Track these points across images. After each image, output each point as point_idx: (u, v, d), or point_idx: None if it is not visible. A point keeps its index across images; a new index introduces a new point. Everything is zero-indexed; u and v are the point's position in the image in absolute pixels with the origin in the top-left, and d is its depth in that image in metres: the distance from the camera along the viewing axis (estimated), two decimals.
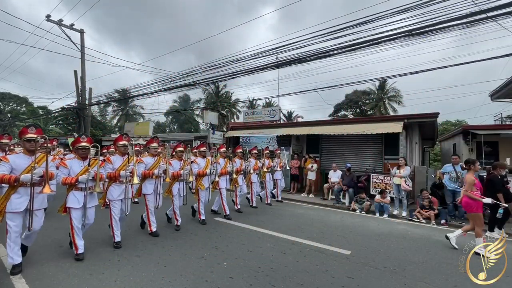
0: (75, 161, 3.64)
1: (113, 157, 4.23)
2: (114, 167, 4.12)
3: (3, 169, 3.05)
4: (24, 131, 3.35)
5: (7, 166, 3.08)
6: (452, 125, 25.17)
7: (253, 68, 9.74)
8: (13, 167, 3.11)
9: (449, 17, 6.04)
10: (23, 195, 3.13)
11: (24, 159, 3.22)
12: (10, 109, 35.28)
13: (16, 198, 3.11)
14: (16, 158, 3.23)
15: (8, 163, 3.08)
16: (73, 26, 13.56)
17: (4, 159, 3.12)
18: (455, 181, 6.42)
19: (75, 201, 3.52)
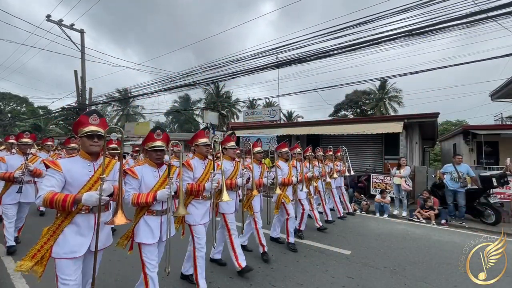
0: (147, 167, 2.38)
1: (193, 160, 2.97)
2: (195, 176, 2.88)
3: (52, 183, 1.82)
4: (85, 119, 2.19)
5: (58, 179, 1.84)
6: (452, 125, 25.16)
7: (253, 68, 9.74)
8: (67, 179, 1.87)
9: (449, 17, 6.04)
10: (83, 227, 1.90)
11: (82, 165, 1.97)
12: (11, 109, 35.30)
13: (73, 233, 1.87)
14: (69, 162, 1.95)
15: (60, 173, 1.85)
16: (73, 26, 13.56)
17: (54, 166, 1.85)
18: (457, 181, 6.41)
19: (148, 233, 2.27)
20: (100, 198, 1.76)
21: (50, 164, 1.86)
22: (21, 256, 3.53)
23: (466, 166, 6.54)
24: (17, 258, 3.59)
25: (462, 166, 6.52)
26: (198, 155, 3.03)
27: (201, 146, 2.97)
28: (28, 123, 29.26)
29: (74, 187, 1.89)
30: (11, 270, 3.23)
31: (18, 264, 1.84)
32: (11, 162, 3.86)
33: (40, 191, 1.78)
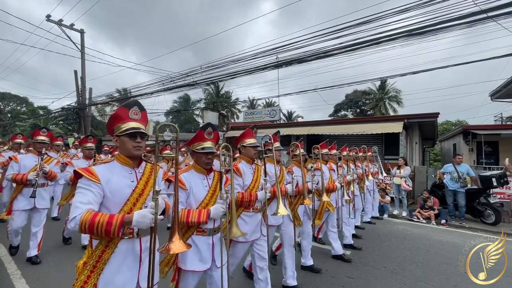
0: (194, 174, 1.98)
1: (241, 164, 2.52)
2: (244, 184, 2.47)
3: (89, 198, 1.40)
4: None
5: (97, 193, 1.42)
6: (452, 125, 25.16)
7: (253, 68, 9.74)
8: (106, 193, 1.46)
9: (449, 17, 6.04)
10: (128, 257, 1.48)
11: (122, 174, 1.54)
12: (10, 109, 35.29)
13: (118, 266, 1.45)
14: (107, 170, 1.53)
15: (98, 186, 1.43)
16: (73, 26, 13.56)
17: (90, 176, 1.43)
18: (457, 181, 6.41)
19: (196, 257, 1.87)
20: (156, 218, 1.33)
21: (84, 173, 1.39)
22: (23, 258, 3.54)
23: (466, 166, 6.54)
24: (19, 259, 3.59)
25: (462, 166, 6.52)
26: (244, 158, 2.58)
27: (248, 147, 2.52)
28: (28, 123, 29.26)
29: (113, 203, 1.44)
30: (11, 270, 3.23)
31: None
32: (24, 162, 3.41)
33: (74, 210, 1.31)
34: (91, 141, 4.06)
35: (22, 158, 3.45)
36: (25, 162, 3.40)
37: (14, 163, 3.37)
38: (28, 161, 3.42)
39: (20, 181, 3.29)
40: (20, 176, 3.28)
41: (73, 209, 1.33)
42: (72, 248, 3.95)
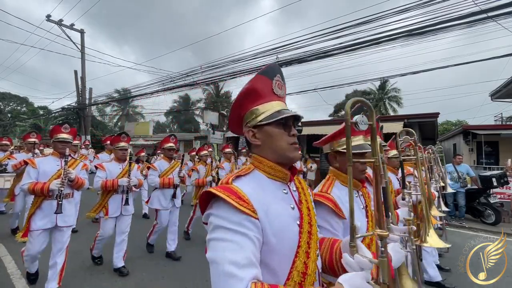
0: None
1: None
2: None
3: None
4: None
5: None
6: (453, 125, 25.15)
7: (253, 68, 9.74)
8: None
9: (449, 17, 6.04)
10: None
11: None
12: (11, 109, 35.30)
13: None
14: None
15: None
16: (73, 26, 13.57)
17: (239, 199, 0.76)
18: (457, 181, 6.41)
19: None
20: None
21: (230, 198, 0.74)
22: None
23: (466, 166, 6.54)
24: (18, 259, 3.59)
25: (462, 166, 6.52)
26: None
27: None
28: (28, 123, 29.27)
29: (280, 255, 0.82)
30: (11, 270, 3.23)
31: None
32: (44, 167, 2.70)
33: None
34: (125, 139, 3.41)
35: (41, 162, 2.73)
36: (45, 167, 2.70)
37: (31, 168, 2.65)
38: (48, 165, 2.73)
39: (41, 192, 2.56)
40: (40, 186, 2.56)
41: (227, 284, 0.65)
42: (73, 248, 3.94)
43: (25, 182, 2.58)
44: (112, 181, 3.18)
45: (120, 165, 3.38)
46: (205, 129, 20.74)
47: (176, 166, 3.90)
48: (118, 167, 3.36)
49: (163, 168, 3.81)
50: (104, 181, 3.17)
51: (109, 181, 3.18)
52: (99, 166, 3.28)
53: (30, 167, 2.66)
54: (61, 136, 2.80)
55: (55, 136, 2.79)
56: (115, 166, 3.35)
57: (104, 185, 3.16)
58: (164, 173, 3.77)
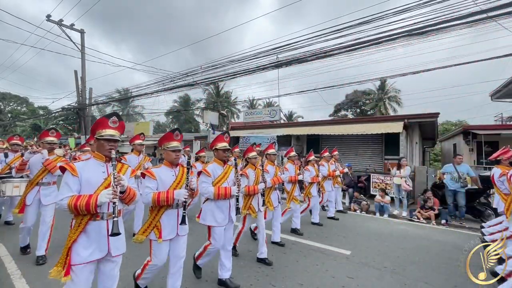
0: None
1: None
2: None
3: None
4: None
5: None
6: (453, 125, 25.16)
7: (253, 68, 9.74)
8: None
9: (449, 17, 6.04)
10: None
11: None
12: (10, 109, 35.31)
13: None
14: None
15: None
16: (73, 26, 13.57)
17: None
18: (457, 181, 6.41)
19: None
20: None
21: None
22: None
23: (466, 166, 6.54)
24: (18, 259, 3.59)
25: (462, 166, 6.52)
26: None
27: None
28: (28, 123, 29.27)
29: None
30: (11, 270, 3.23)
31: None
32: (87, 174, 1.96)
33: None
34: (178, 138, 2.83)
35: (83, 168, 1.97)
36: (88, 174, 1.96)
37: (71, 177, 1.90)
38: (92, 172, 1.99)
39: (86, 208, 1.83)
40: (86, 200, 1.84)
41: None
42: None
43: (63, 196, 1.85)
44: (166, 194, 2.44)
45: (172, 170, 2.62)
46: (205, 129, 20.71)
47: (230, 171, 3.13)
48: (171, 173, 2.59)
49: (217, 174, 3.02)
50: (156, 194, 2.43)
51: (162, 193, 2.43)
52: (147, 173, 2.53)
53: (68, 175, 1.90)
54: (107, 133, 2.04)
55: (100, 132, 2.05)
56: (167, 172, 2.58)
57: (157, 199, 2.41)
58: (217, 180, 3.00)
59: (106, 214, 1.98)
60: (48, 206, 3.65)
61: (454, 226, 6.13)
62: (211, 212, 2.99)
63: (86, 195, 1.87)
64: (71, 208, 1.82)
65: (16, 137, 5.23)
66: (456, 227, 6.08)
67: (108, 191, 1.87)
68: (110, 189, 1.88)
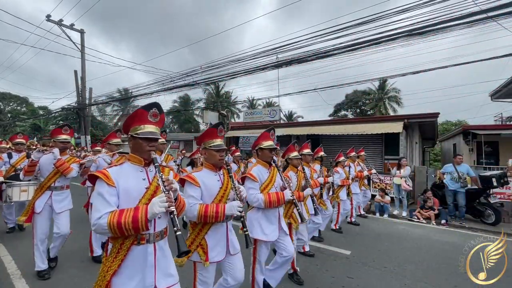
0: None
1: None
2: None
3: None
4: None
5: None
6: (453, 125, 25.15)
7: (253, 68, 9.74)
8: None
9: (450, 17, 6.04)
10: None
11: None
12: (10, 109, 35.31)
13: None
14: None
15: None
16: (73, 26, 13.57)
17: None
18: (457, 181, 6.41)
19: None
20: None
21: None
22: None
23: (466, 166, 6.54)
24: (18, 259, 3.59)
25: (462, 166, 6.52)
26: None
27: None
28: (28, 123, 29.26)
29: None
30: (11, 270, 3.23)
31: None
32: (125, 183, 1.52)
33: None
34: (222, 134, 2.32)
35: (119, 175, 1.53)
36: (126, 182, 1.53)
37: (106, 186, 1.46)
38: (131, 179, 1.56)
39: (134, 226, 1.40)
40: (133, 216, 1.41)
41: None
42: (72, 249, 3.95)
43: (101, 212, 1.39)
44: (216, 208, 1.95)
45: (217, 174, 2.14)
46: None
47: (276, 173, 2.70)
48: (215, 178, 2.11)
49: (263, 178, 2.57)
50: (203, 208, 1.93)
51: (211, 207, 1.95)
52: (188, 179, 2.00)
53: (103, 184, 1.46)
54: (147, 130, 1.61)
55: (136, 129, 1.60)
56: (211, 177, 2.10)
57: (204, 215, 1.92)
58: (264, 186, 2.55)
59: (153, 235, 1.53)
60: (62, 214, 3.17)
61: (454, 226, 6.13)
62: (258, 223, 2.53)
63: (131, 209, 1.44)
64: (113, 228, 1.36)
65: (20, 135, 4.79)
66: (456, 227, 6.08)
67: (160, 198, 1.43)
68: (163, 195, 1.44)
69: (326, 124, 12.08)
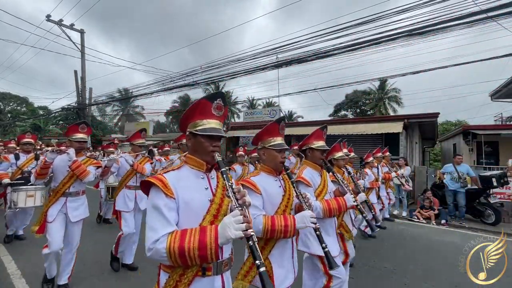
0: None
1: None
2: None
3: None
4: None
5: None
6: (452, 125, 25.14)
7: (253, 68, 9.74)
8: None
9: (449, 17, 6.04)
10: None
11: None
12: (10, 109, 35.30)
13: None
14: None
15: None
16: (73, 26, 13.56)
17: None
18: (457, 181, 6.41)
19: None
20: None
21: None
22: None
23: (466, 166, 6.55)
24: (18, 259, 3.59)
25: (462, 166, 6.52)
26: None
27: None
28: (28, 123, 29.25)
29: None
30: (11, 270, 3.23)
31: None
32: (185, 193, 1.18)
33: None
34: (283, 132, 2.05)
35: (177, 183, 1.19)
36: (187, 193, 1.20)
37: (164, 197, 1.13)
38: (192, 188, 1.23)
39: (202, 254, 1.07)
40: (198, 240, 1.07)
41: None
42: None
43: (158, 234, 1.08)
44: (284, 221, 1.56)
45: (277, 179, 1.79)
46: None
47: (327, 177, 2.38)
48: (276, 184, 1.76)
49: (317, 183, 2.22)
50: (269, 220, 1.56)
51: (278, 219, 1.56)
52: (248, 184, 1.66)
53: (160, 195, 1.14)
54: (211, 126, 1.27)
55: (196, 124, 1.28)
56: (271, 182, 1.75)
57: (271, 229, 1.54)
58: (319, 191, 2.20)
59: (220, 264, 1.20)
60: (76, 224, 2.86)
61: (454, 226, 6.13)
62: (314, 236, 1.99)
63: (196, 230, 1.09)
64: (173, 256, 1.04)
65: (28, 134, 4.31)
66: (456, 227, 6.08)
67: (235, 216, 1.05)
68: (237, 212, 1.06)
69: (326, 124, 12.09)
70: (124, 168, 3.44)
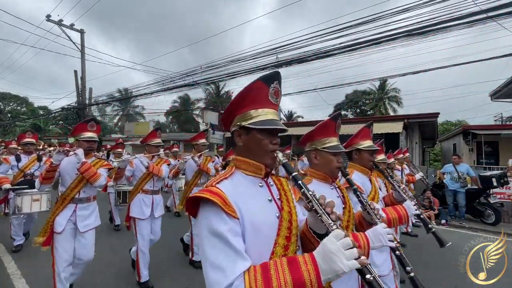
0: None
1: None
2: None
3: None
4: None
5: None
6: (452, 125, 25.15)
7: (253, 68, 9.74)
8: None
9: (449, 17, 6.04)
10: None
11: None
12: (10, 109, 35.31)
13: None
14: None
15: None
16: (73, 26, 13.56)
17: None
18: (457, 181, 6.41)
19: None
20: None
21: None
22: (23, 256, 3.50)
23: (466, 166, 6.55)
24: (18, 259, 3.59)
25: (462, 166, 6.53)
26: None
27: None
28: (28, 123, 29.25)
29: None
30: (11, 270, 3.23)
31: None
32: (248, 209, 0.86)
33: None
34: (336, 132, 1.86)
35: (235, 195, 0.87)
36: (249, 207, 0.88)
37: (225, 218, 0.81)
38: (257, 196, 0.94)
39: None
40: (293, 280, 0.72)
41: None
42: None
43: (229, 277, 0.74)
44: (354, 238, 0.97)
45: (333, 188, 1.55)
46: (205, 129, 20.75)
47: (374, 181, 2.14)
48: (333, 193, 1.50)
49: (368, 189, 2.00)
50: None
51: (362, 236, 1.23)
52: None
53: (220, 215, 0.82)
54: (268, 117, 0.98)
55: (247, 116, 0.98)
56: (327, 191, 1.48)
57: None
58: (370, 198, 1.95)
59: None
60: (87, 234, 2.53)
61: (454, 226, 6.13)
62: None
63: (283, 262, 0.77)
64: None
65: (29, 134, 4.03)
66: (456, 227, 6.08)
67: (339, 239, 0.73)
68: (341, 233, 0.74)
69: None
70: (140, 171, 3.15)
